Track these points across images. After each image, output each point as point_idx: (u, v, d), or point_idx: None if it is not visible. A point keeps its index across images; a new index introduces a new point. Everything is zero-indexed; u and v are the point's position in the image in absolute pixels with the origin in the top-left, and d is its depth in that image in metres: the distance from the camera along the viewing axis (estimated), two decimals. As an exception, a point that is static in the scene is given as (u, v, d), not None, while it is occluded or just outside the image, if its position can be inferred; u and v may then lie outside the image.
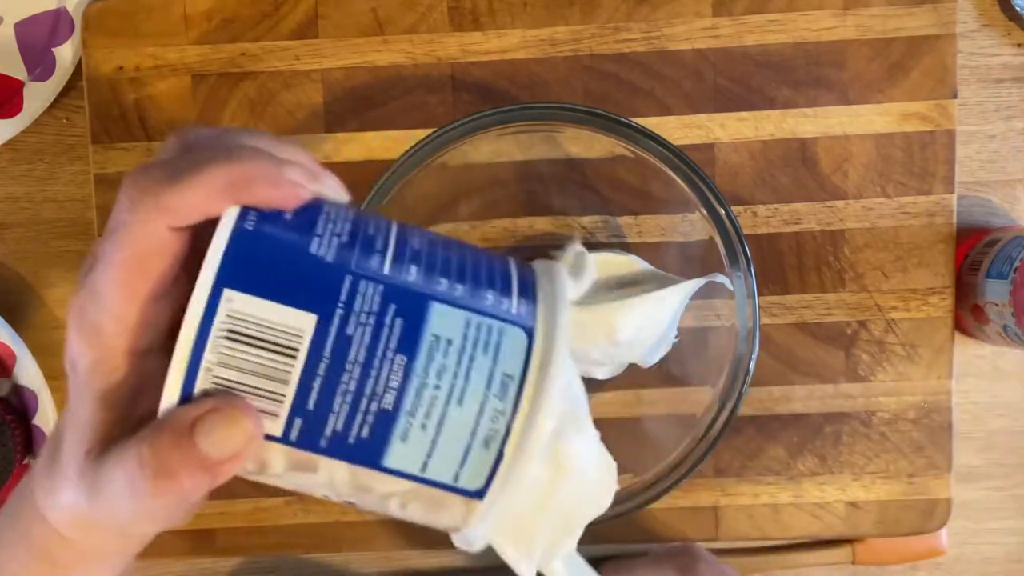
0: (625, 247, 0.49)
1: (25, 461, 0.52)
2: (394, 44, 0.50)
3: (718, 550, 0.52)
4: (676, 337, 0.46)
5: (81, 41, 0.50)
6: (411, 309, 0.24)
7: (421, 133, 0.44)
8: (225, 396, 0.24)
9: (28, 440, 0.52)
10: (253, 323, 0.23)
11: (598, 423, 0.42)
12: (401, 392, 0.24)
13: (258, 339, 0.23)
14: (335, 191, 0.28)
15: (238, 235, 0.24)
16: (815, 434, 0.50)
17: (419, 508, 0.26)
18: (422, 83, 0.50)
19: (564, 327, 0.26)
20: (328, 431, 0.24)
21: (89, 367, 0.26)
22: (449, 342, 0.24)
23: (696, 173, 0.43)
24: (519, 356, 0.25)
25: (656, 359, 0.46)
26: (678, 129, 0.50)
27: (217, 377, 0.24)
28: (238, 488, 0.51)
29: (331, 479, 0.25)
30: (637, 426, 0.49)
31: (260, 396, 0.24)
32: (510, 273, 0.27)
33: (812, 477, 0.51)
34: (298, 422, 0.24)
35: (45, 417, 0.52)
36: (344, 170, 0.50)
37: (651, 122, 0.49)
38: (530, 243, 0.50)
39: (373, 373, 0.24)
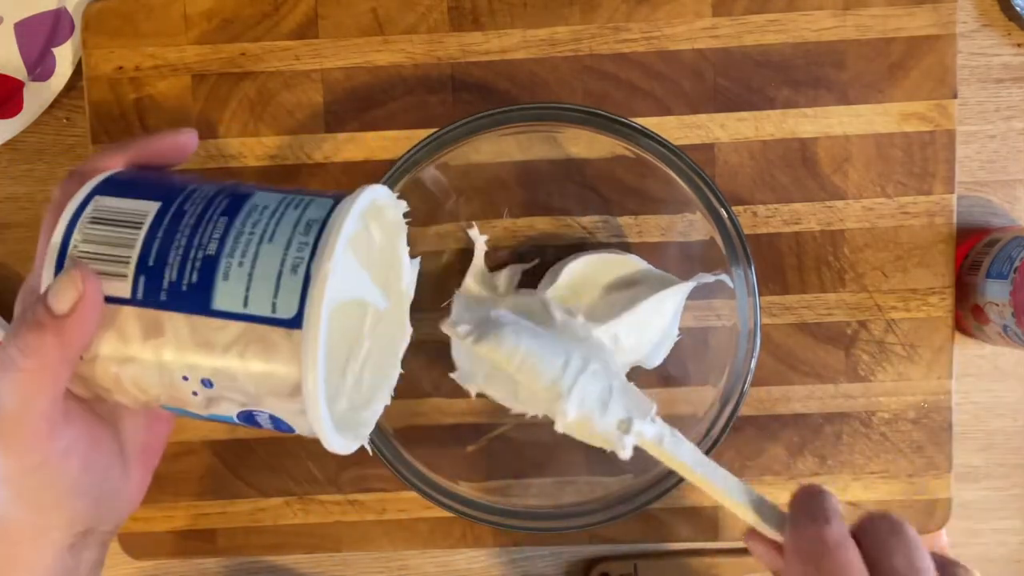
0: (625, 247, 0.49)
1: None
2: (394, 44, 0.50)
3: (718, 550, 0.52)
4: (678, 335, 0.46)
5: (81, 41, 0.50)
6: (237, 194, 0.31)
7: (421, 133, 0.44)
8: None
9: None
10: (111, 210, 0.31)
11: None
12: (222, 241, 0.30)
13: (112, 219, 0.31)
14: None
15: (114, 173, 0.33)
16: (815, 434, 0.50)
17: (256, 357, 0.29)
18: (422, 83, 0.50)
19: (363, 200, 0.31)
20: (165, 283, 0.30)
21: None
22: (266, 207, 0.31)
23: (696, 173, 0.43)
24: (324, 209, 0.30)
25: (659, 360, 0.46)
26: (678, 129, 0.50)
27: (80, 251, 0.31)
28: (238, 488, 0.52)
29: (177, 339, 0.30)
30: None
31: (112, 260, 0.30)
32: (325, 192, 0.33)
33: (812, 477, 0.51)
34: (141, 279, 0.30)
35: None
36: (344, 170, 0.50)
37: (651, 122, 0.49)
38: (530, 243, 0.50)
39: (200, 230, 0.30)
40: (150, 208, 0.31)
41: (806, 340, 0.50)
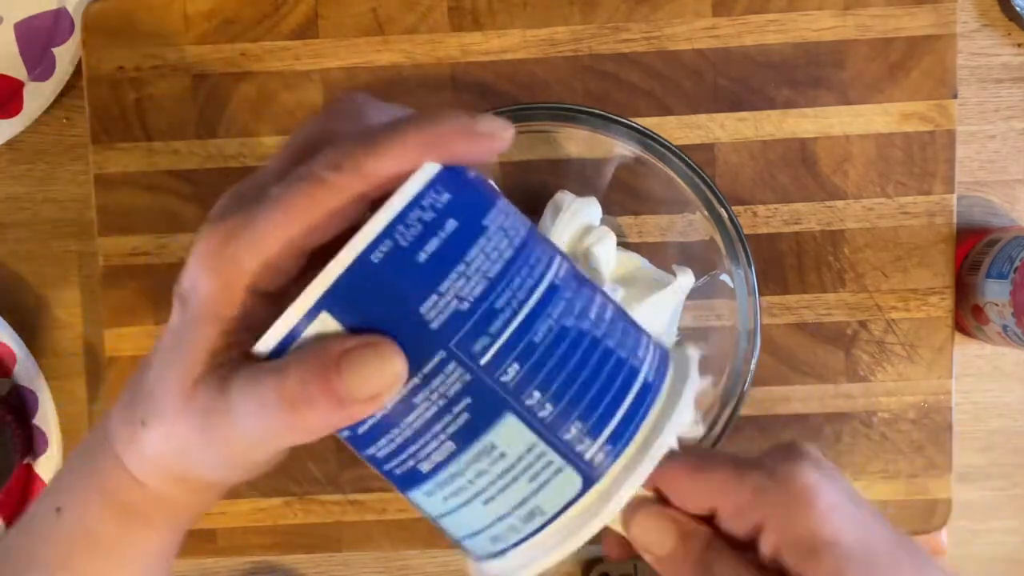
0: (625, 247, 0.49)
1: (25, 461, 0.52)
2: (394, 44, 0.50)
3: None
4: (677, 335, 0.46)
5: (81, 41, 0.50)
6: (483, 410, 0.23)
7: (421, 133, 0.44)
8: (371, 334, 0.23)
9: (28, 440, 0.52)
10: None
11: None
12: (436, 470, 0.24)
13: None
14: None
15: (362, 257, 0.23)
16: (815, 434, 0.50)
17: None
18: (422, 83, 0.50)
19: (635, 482, 0.24)
20: (383, 458, 0.26)
21: (209, 296, 0.25)
22: (502, 455, 0.24)
23: (696, 173, 0.43)
24: (561, 499, 0.24)
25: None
26: (678, 129, 0.50)
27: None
28: (238, 488, 0.51)
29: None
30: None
31: None
32: (622, 401, 0.25)
33: (812, 477, 0.51)
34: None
35: (45, 417, 0.52)
36: (344, 170, 0.50)
37: (651, 122, 0.49)
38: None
39: (420, 442, 0.24)
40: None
41: (806, 340, 0.50)
